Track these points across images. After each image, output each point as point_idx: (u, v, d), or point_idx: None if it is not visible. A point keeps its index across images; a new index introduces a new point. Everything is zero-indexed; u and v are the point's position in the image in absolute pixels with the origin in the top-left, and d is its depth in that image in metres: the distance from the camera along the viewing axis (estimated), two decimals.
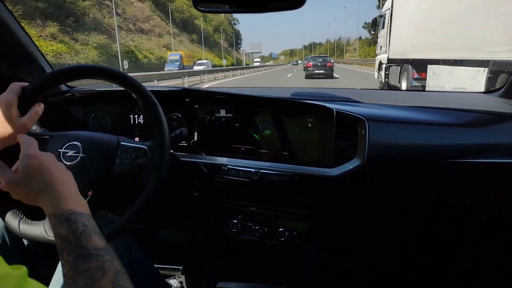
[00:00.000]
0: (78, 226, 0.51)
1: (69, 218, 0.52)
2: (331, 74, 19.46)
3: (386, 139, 1.00)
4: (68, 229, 0.51)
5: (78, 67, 0.78)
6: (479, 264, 1.20)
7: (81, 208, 0.55)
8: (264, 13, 0.93)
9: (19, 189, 0.58)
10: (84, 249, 0.49)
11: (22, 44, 1.04)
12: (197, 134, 1.15)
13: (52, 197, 0.55)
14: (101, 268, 0.48)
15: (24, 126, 0.69)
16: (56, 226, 0.52)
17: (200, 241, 1.32)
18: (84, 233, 0.51)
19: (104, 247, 0.51)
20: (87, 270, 0.47)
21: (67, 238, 0.50)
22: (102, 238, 0.53)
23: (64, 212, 0.53)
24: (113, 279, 0.47)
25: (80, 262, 0.48)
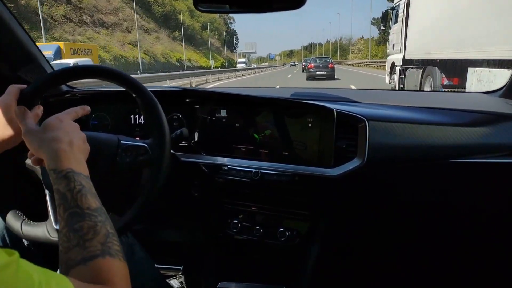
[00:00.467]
0: (76, 184, 0.54)
1: (67, 175, 0.55)
2: (333, 75, 19.41)
3: (387, 139, 1.00)
4: (65, 186, 0.54)
5: (79, 67, 0.78)
6: (479, 264, 1.20)
7: (81, 169, 0.58)
8: (264, 13, 0.93)
9: (32, 138, 0.61)
10: (79, 208, 0.52)
11: (22, 44, 1.04)
12: (198, 134, 1.15)
13: (55, 153, 0.57)
14: (93, 229, 0.50)
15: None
16: (55, 181, 0.55)
17: (201, 241, 1.32)
18: (80, 192, 0.53)
19: (98, 208, 0.53)
20: (79, 229, 0.49)
21: (64, 195, 0.53)
22: (97, 199, 0.55)
23: (64, 169, 0.55)
24: (103, 240, 0.49)
25: (74, 220, 0.50)
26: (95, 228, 0.50)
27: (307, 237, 1.11)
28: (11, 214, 0.85)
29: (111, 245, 0.50)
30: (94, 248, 0.48)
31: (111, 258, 0.48)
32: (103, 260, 0.47)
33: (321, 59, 21.19)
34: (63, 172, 0.55)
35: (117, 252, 0.50)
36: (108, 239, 0.50)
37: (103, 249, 0.48)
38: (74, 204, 0.52)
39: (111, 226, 0.53)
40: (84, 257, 0.47)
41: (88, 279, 0.45)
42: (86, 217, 0.51)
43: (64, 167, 0.56)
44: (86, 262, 0.47)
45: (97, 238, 0.49)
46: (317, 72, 19.50)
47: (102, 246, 0.49)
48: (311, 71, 19.73)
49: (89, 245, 0.48)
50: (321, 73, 19.34)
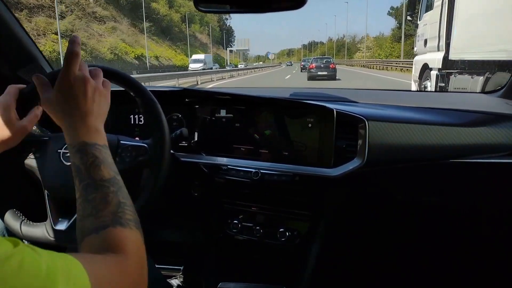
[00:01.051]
0: (89, 157, 0.55)
1: (81, 149, 0.56)
2: (334, 75, 19.49)
3: (387, 139, 1.00)
4: (79, 160, 0.55)
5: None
6: (479, 264, 1.20)
7: (95, 139, 0.58)
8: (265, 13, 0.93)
9: (53, 108, 0.61)
10: (92, 180, 0.53)
11: (22, 44, 1.04)
12: (198, 134, 1.15)
13: (68, 128, 0.59)
14: (105, 199, 0.52)
15: (24, 128, 0.69)
16: (71, 155, 0.57)
17: (201, 241, 1.32)
18: (93, 164, 0.55)
19: (111, 178, 0.55)
20: (93, 200, 0.51)
21: (78, 168, 0.55)
22: (111, 168, 0.56)
23: (77, 143, 0.57)
24: (114, 210, 0.51)
25: (88, 191, 0.53)
26: (107, 199, 0.52)
27: (307, 237, 1.11)
28: (10, 214, 0.85)
29: (122, 215, 0.51)
30: (105, 218, 0.50)
31: (121, 228, 0.49)
32: (114, 230, 0.49)
33: (322, 59, 21.29)
34: (76, 146, 0.57)
35: (128, 222, 0.51)
36: (120, 208, 0.52)
37: (114, 219, 0.50)
38: (88, 176, 0.54)
39: (124, 195, 0.54)
40: (96, 227, 0.49)
41: (100, 248, 0.47)
42: (99, 188, 0.53)
43: (78, 141, 0.57)
44: (98, 231, 0.48)
45: (108, 208, 0.51)
46: (319, 72, 19.58)
47: (113, 215, 0.50)
48: (313, 72, 19.79)
49: (101, 215, 0.50)
50: (323, 74, 19.43)
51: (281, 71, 41.34)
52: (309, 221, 1.10)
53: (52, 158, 0.80)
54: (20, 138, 0.70)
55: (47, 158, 0.80)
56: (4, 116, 0.67)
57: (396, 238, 1.18)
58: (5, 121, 0.67)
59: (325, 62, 20.42)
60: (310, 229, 1.10)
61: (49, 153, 0.80)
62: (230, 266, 1.24)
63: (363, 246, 1.21)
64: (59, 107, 0.60)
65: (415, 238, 1.17)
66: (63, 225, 0.79)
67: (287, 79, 22.98)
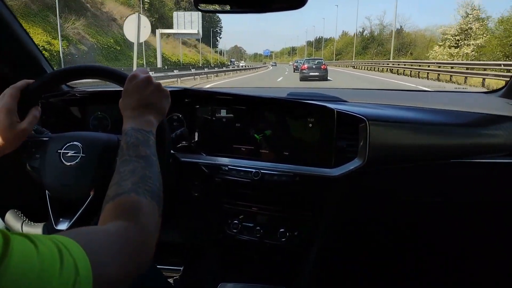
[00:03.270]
0: (131, 138, 0.61)
1: (127, 132, 0.62)
2: (326, 76, 19.78)
3: (387, 139, 1.00)
4: (124, 141, 0.61)
5: (78, 67, 0.78)
6: (480, 263, 1.20)
7: (142, 125, 0.64)
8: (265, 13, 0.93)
9: (122, 103, 0.69)
10: (128, 156, 0.58)
11: (22, 44, 1.04)
12: (198, 134, 1.15)
13: (125, 117, 0.66)
14: (132, 171, 0.55)
15: (25, 130, 0.69)
16: (122, 138, 0.63)
17: (201, 241, 1.32)
18: (133, 144, 0.60)
19: (146, 156, 0.59)
20: (122, 172, 0.55)
21: (121, 147, 0.60)
22: (150, 149, 0.61)
23: (126, 128, 0.63)
24: (136, 180, 0.53)
25: (122, 165, 0.57)
26: (133, 171, 0.55)
27: (308, 238, 1.11)
28: (11, 214, 0.85)
29: (143, 185, 0.53)
30: (125, 187, 0.52)
31: (136, 196, 0.51)
32: (128, 197, 0.50)
33: (314, 61, 21.63)
34: (125, 130, 0.63)
35: (145, 192, 0.52)
36: (142, 180, 0.54)
37: (131, 188, 0.52)
38: (126, 154, 0.58)
39: (153, 171, 0.57)
40: (114, 194, 0.51)
41: (113, 214, 0.49)
42: (131, 162, 0.57)
43: (127, 126, 0.63)
44: (114, 198, 0.51)
45: (131, 179, 0.53)
46: (311, 73, 19.88)
47: (133, 185, 0.52)
48: (304, 72, 20.08)
49: (123, 184, 0.53)
50: (314, 74, 19.73)
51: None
52: (309, 221, 1.10)
53: (52, 158, 0.80)
54: (20, 140, 0.70)
55: (47, 158, 0.80)
56: (6, 120, 0.67)
57: (397, 237, 1.18)
58: (7, 125, 0.67)
59: (317, 63, 20.74)
60: (310, 229, 1.10)
61: (49, 153, 0.80)
62: (230, 266, 1.24)
63: (364, 246, 1.21)
64: (125, 101, 0.68)
65: (415, 237, 1.17)
66: (64, 225, 0.79)
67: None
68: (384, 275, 1.27)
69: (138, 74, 0.70)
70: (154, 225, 0.51)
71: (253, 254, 1.21)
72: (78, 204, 0.78)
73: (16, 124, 0.68)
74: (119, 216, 0.48)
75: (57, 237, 0.37)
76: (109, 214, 0.49)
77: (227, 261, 1.24)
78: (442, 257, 1.20)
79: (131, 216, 0.48)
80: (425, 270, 1.23)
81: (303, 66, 20.82)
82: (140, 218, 0.49)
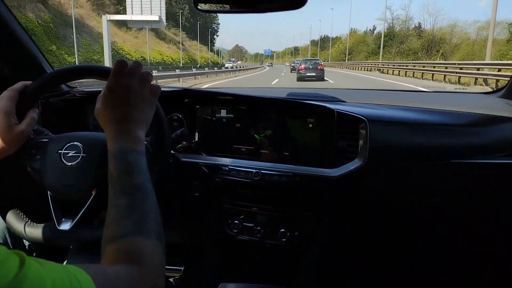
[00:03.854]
0: (121, 163, 0.55)
1: (116, 155, 0.56)
2: (322, 76, 19.96)
3: (387, 139, 1.00)
4: (113, 165, 0.55)
5: (78, 67, 0.78)
6: (480, 263, 1.20)
7: (133, 145, 0.58)
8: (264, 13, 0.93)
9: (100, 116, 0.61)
10: (122, 186, 0.53)
11: (22, 44, 1.04)
12: (198, 135, 1.15)
13: (110, 134, 0.59)
14: (130, 207, 0.51)
15: (23, 132, 0.70)
16: (108, 161, 0.57)
17: (201, 241, 1.32)
18: (124, 170, 0.55)
19: (140, 185, 0.54)
20: (118, 206, 0.51)
21: (112, 174, 0.55)
22: (143, 175, 0.56)
23: (114, 149, 0.57)
24: (137, 218, 0.50)
25: (116, 197, 0.52)
26: (132, 206, 0.51)
27: (308, 238, 1.11)
28: (13, 215, 0.85)
29: (145, 224, 0.50)
30: (127, 226, 0.49)
31: (141, 238, 0.48)
32: (133, 239, 0.48)
33: (311, 61, 21.90)
34: (113, 152, 0.57)
35: (150, 232, 0.49)
36: (143, 217, 0.51)
37: (135, 228, 0.49)
38: (118, 183, 0.54)
39: (151, 204, 0.53)
40: (116, 235, 0.48)
41: (117, 257, 0.46)
42: (126, 195, 0.52)
43: (114, 147, 0.57)
44: (117, 239, 0.47)
45: (132, 216, 0.50)
46: (307, 73, 20.07)
47: (135, 224, 0.49)
48: (301, 73, 20.27)
49: (123, 222, 0.49)
50: (311, 74, 19.94)
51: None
52: (309, 221, 1.10)
53: (53, 159, 0.80)
54: (20, 142, 0.71)
55: (48, 159, 0.80)
56: (5, 122, 0.67)
57: (397, 238, 1.18)
58: (6, 127, 0.67)
59: (314, 63, 20.98)
60: (310, 230, 1.10)
61: (50, 154, 0.80)
62: (231, 266, 1.24)
63: (364, 246, 1.21)
64: (105, 115, 0.60)
65: (415, 238, 1.17)
66: (67, 225, 0.79)
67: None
68: (384, 275, 1.27)
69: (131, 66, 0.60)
70: (162, 267, 0.50)
71: (254, 254, 1.21)
72: (80, 204, 0.78)
73: (15, 126, 0.68)
74: (126, 260, 0.46)
75: (70, 267, 0.37)
76: (114, 257, 0.46)
77: (227, 261, 1.24)
78: (442, 257, 1.20)
79: (139, 261, 0.46)
80: (425, 270, 1.23)
81: (300, 66, 21.05)
82: (148, 262, 0.47)
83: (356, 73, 26.74)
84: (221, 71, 26.06)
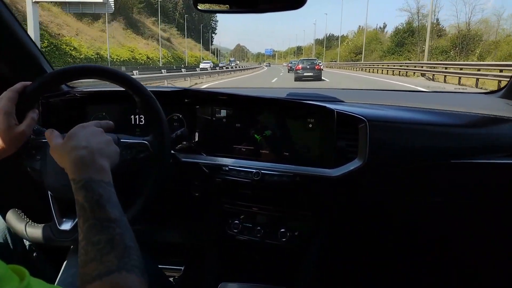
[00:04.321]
0: (94, 195, 0.53)
1: (85, 185, 0.54)
2: (320, 76, 20.03)
3: (387, 139, 1.00)
4: (84, 197, 0.53)
5: (78, 67, 0.78)
6: (480, 263, 1.20)
7: (100, 175, 0.56)
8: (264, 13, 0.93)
9: (57, 153, 0.62)
10: (97, 220, 0.51)
11: (22, 44, 1.04)
12: (198, 135, 1.15)
13: (73, 162, 0.57)
14: (111, 242, 0.49)
15: (23, 133, 0.70)
16: (74, 191, 0.54)
17: (201, 241, 1.32)
18: (98, 203, 0.52)
19: (117, 219, 0.52)
20: (97, 243, 0.48)
21: (83, 206, 0.52)
22: (117, 208, 0.54)
23: (82, 179, 0.55)
24: (120, 255, 0.48)
25: (92, 233, 0.49)
26: (112, 242, 0.49)
27: (308, 238, 1.11)
28: (13, 216, 0.85)
29: (128, 260, 0.48)
30: (110, 263, 0.47)
31: (127, 274, 0.47)
32: (119, 275, 0.46)
33: (308, 61, 21.95)
34: (81, 182, 0.54)
35: (134, 268, 0.48)
36: (126, 253, 0.49)
37: (119, 265, 0.47)
38: (92, 216, 0.51)
39: (130, 238, 0.52)
40: (100, 273, 0.46)
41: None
42: (104, 230, 0.50)
43: (82, 177, 0.55)
44: (101, 277, 0.46)
45: (114, 252, 0.48)
46: (305, 73, 20.18)
47: (119, 261, 0.47)
48: (299, 72, 20.37)
49: (106, 259, 0.47)
50: (308, 74, 20.01)
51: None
52: (310, 221, 1.10)
53: (53, 159, 0.80)
54: (20, 143, 0.71)
55: (48, 159, 0.80)
56: (4, 123, 0.67)
57: (397, 237, 1.18)
58: (5, 128, 0.67)
59: (311, 63, 21.07)
60: (311, 230, 1.10)
61: (50, 154, 0.80)
62: (231, 266, 1.24)
63: (364, 246, 1.21)
64: (63, 147, 0.61)
65: (415, 238, 1.17)
66: (68, 225, 0.80)
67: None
68: (385, 275, 1.27)
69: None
70: None
71: (254, 254, 1.21)
72: None
73: (15, 127, 0.69)
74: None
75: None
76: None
77: (227, 261, 1.24)
78: (442, 257, 1.20)
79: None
80: (425, 270, 1.23)
81: (298, 66, 21.18)
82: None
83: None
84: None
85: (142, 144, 0.81)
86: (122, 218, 0.53)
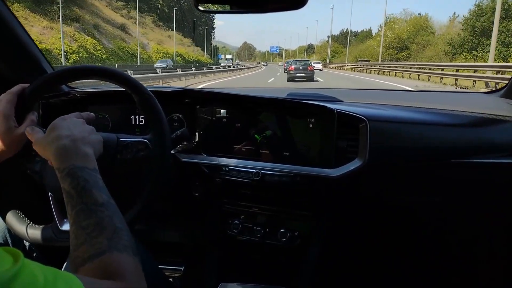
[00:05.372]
0: (79, 181, 0.54)
1: (70, 172, 0.54)
2: (312, 77, 20.10)
3: (388, 139, 1.00)
4: (70, 184, 0.53)
5: (77, 68, 0.78)
6: (480, 263, 1.20)
7: (84, 162, 0.57)
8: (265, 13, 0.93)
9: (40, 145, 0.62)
10: (85, 205, 0.51)
11: (22, 44, 1.04)
12: (198, 135, 1.15)
13: (57, 151, 0.57)
14: (100, 225, 0.49)
15: (23, 135, 0.70)
16: (60, 180, 0.55)
17: (202, 241, 1.32)
18: (84, 188, 0.53)
19: (105, 202, 0.53)
20: (86, 227, 0.49)
21: (69, 193, 0.53)
22: (104, 192, 0.55)
23: (66, 166, 0.55)
24: (110, 235, 0.49)
25: (81, 217, 0.50)
26: (102, 224, 0.50)
27: (308, 238, 1.11)
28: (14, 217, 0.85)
29: (119, 240, 0.49)
30: (100, 244, 0.47)
31: (118, 253, 0.47)
32: (110, 256, 0.47)
33: (301, 62, 22.00)
34: (66, 169, 0.55)
35: (125, 247, 0.49)
36: (115, 234, 0.50)
37: (110, 245, 0.48)
38: (80, 201, 0.52)
39: (119, 219, 0.52)
40: (91, 254, 0.46)
41: (97, 275, 0.45)
42: (92, 213, 0.51)
43: (66, 165, 0.56)
44: (93, 259, 0.46)
45: (104, 234, 0.49)
46: (297, 74, 20.27)
47: (109, 241, 0.48)
48: (292, 73, 20.48)
49: (96, 241, 0.48)
50: (301, 75, 20.06)
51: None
52: (310, 221, 1.10)
53: None
54: (19, 145, 0.71)
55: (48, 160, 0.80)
56: (4, 125, 0.67)
57: (397, 237, 1.18)
58: (5, 130, 0.68)
59: (304, 64, 21.13)
60: (311, 230, 1.10)
61: None
62: (231, 266, 1.24)
63: (364, 246, 1.21)
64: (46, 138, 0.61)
65: (415, 237, 1.18)
66: (69, 226, 0.80)
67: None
68: (384, 275, 1.27)
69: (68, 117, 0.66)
70: (143, 281, 0.49)
71: (254, 254, 1.21)
72: None
73: (14, 129, 0.69)
74: (107, 277, 0.45)
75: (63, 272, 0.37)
76: (94, 275, 0.44)
77: (227, 261, 1.24)
78: (442, 256, 1.20)
79: (122, 275, 0.45)
80: (425, 270, 1.23)
81: (290, 67, 21.33)
82: (132, 276, 0.46)
83: None
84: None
85: (141, 143, 0.81)
86: (110, 202, 0.54)
